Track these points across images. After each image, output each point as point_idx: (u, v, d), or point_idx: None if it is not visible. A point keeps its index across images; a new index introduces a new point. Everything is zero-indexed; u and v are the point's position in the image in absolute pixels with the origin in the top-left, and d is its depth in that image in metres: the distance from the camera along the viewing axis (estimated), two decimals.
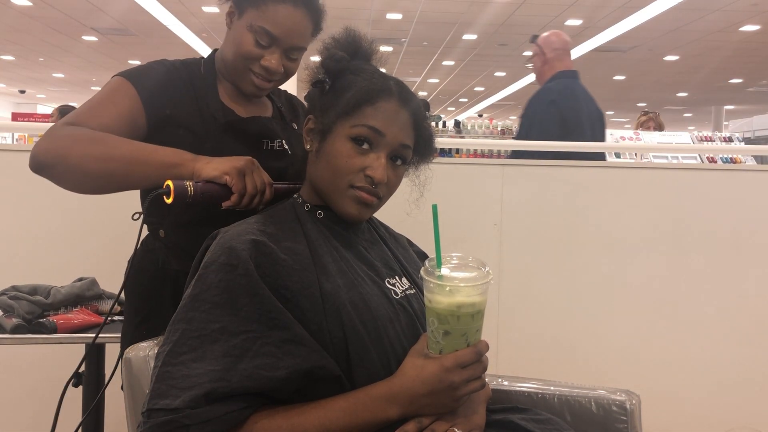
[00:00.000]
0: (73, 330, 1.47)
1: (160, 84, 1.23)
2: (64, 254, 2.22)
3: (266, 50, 1.23)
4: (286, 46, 1.24)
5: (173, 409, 0.83)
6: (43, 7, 8.77)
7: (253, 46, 1.22)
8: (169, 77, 1.25)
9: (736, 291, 2.45)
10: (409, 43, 10.86)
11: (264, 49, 1.23)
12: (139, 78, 1.22)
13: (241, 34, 1.23)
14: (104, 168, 1.11)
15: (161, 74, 1.25)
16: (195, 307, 0.90)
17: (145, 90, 1.21)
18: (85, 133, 1.12)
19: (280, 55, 1.24)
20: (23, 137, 7.08)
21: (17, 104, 19.62)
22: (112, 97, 1.19)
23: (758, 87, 14.40)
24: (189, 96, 1.25)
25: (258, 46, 1.22)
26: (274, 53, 1.23)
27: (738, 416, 2.42)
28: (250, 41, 1.22)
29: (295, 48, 1.25)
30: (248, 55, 1.23)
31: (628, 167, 2.63)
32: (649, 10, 8.38)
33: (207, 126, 1.24)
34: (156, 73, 1.25)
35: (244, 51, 1.23)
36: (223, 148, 1.20)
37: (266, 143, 1.30)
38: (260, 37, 1.22)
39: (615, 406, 1.17)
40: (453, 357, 0.90)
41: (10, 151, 2.30)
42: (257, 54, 1.23)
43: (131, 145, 1.13)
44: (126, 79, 1.21)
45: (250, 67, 1.24)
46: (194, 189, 1.05)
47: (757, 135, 11.73)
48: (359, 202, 1.01)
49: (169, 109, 1.22)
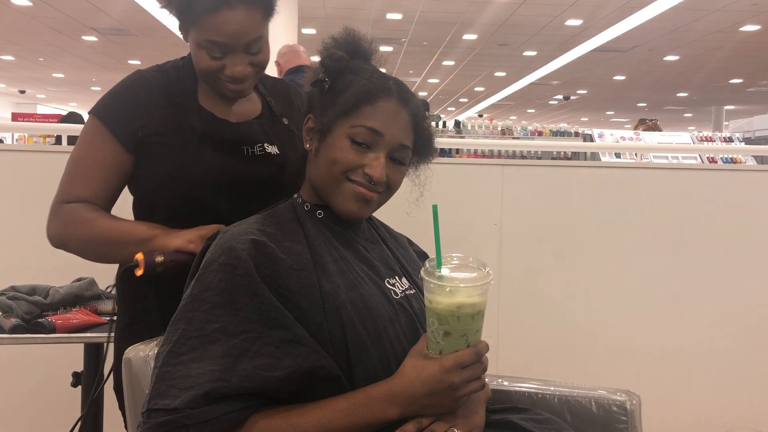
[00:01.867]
0: (72, 330, 1.47)
1: (128, 109, 1.23)
2: (63, 254, 2.20)
3: (224, 59, 1.20)
4: (240, 46, 1.19)
5: (173, 409, 0.83)
6: (43, 7, 8.77)
7: (210, 60, 1.20)
8: (137, 97, 1.23)
9: (736, 291, 2.45)
10: (409, 43, 10.86)
11: (221, 59, 1.20)
12: (106, 112, 1.23)
13: (195, 52, 1.21)
14: (96, 250, 1.23)
15: (128, 97, 1.24)
16: (195, 307, 0.90)
17: (115, 124, 1.22)
18: (76, 217, 1.21)
19: (241, 56, 1.20)
20: (23, 137, 7.08)
21: (17, 104, 19.62)
22: (90, 151, 1.23)
23: (758, 87, 14.40)
24: (162, 109, 1.24)
25: (214, 59, 1.20)
26: (234, 59, 1.20)
27: (738, 416, 2.42)
28: (205, 57, 1.20)
29: (251, 43, 1.20)
30: (209, 70, 1.21)
31: (628, 167, 2.63)
32: (649, 10, 8.38)
33: (183, 137, 1.22)
34: (123, 97, 1.24)
35: (203, 67, 1.21)
36: (199, 160, 1.21)
37: (246, 150, 1.26)
38: (212, 51, 1.19)
39: (615, 406, 1.17)
40: (453, 357, 0.90)
41: (10, 151, 2.31)
42: (217, 66, 1.20)
43: (113, 226, 1.21)
44: (96, 118, 1.23)
45: (218, 77, 1.22)
46: (164, 258, 1.15)
47: (757, 135, 11.75)
48: (358, 199, 1.00)
49: (141, 131, 1.22)
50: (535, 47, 10.99)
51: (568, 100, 16.96)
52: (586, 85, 14.85)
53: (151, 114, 1.23)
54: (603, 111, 20.61)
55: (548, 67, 12.55)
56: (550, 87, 15.18)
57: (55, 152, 2.38)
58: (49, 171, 2.25)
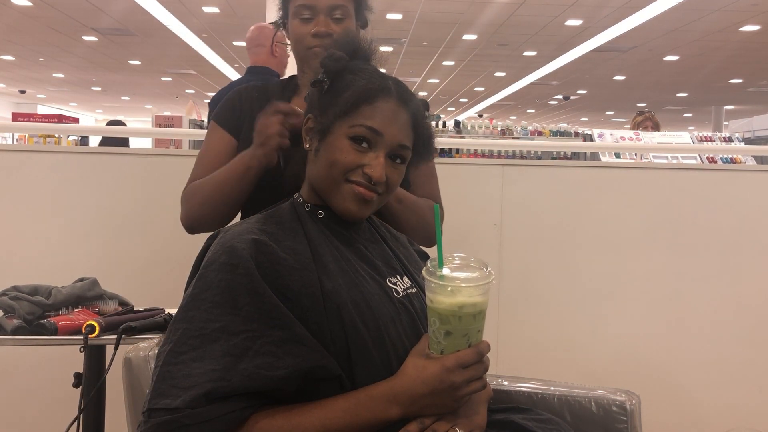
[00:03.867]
0: (74, 331, 1.47)
1: (231, 107, 1.45)
2: (65, 254, 2.22)
3: (312, 22, 1.37)
4: (324, 9, 1.36)
5: (174, 408, 0.83)
6: (43, 7, 8.77)
7: (300, 24, 1.38)
8: (239, 101, 1.45)
9: (736, 290, 2.45)
10: (409, 43, 10.86)
11: (309, 21, 1.37)
12: (217, 113, 1.47)
13: (292, 23, 1.41)
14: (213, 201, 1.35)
15: (232, 100, 1.46)
16: (195, 306, 0.90)
17: (222, 118, 1.45)
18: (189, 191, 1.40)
19: (325, 19, 1.36)
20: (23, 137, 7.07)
21: (17, 104, 19.61)
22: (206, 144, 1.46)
23: (758, 87, 14.40)
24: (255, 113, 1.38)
25: (303, 21, 1.37)
26: (318, 20, 1.36)
27: (738, 416, 2.42)
28: (297, 23, 1.38)
29: (334, 7, 1.36)
30: (300, 35, 1.38)
31: (628, 167, 2.63)
32: (649, 10, 8.38)
33: None
34: (228, 101, 1.47)
35: (296, 34, 1.39)
36: None
37: None
38: (302, 13, 1.37)
39: (615, 406, 1.17)
40: (454, 357, 0.90)
41: (10, 151, 2.31)
42: (307, 30, 1.37)
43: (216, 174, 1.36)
44: (213, 120, 1.47)
45: (307, 46, 1.38)
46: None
47: (757, 135, 11.73)
48: (358, 199, 1.00)
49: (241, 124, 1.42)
50: (535, 47, 10.99)
51: (568, 100, 16.96)
52: (586, 85, 14.85)
53: (243, 115, 1.43)
54: (603, 111, 20.60)
55: (548, 67, 12.55)
56: (550, 87, 15.18)
57: (54, 152, 2.39)
58: (50, 171, 2.26)
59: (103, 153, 2.37)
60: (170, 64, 13.03)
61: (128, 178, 2.28)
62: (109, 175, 2.27)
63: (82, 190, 2.25)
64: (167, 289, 1.65)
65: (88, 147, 5.29)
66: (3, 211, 2.22)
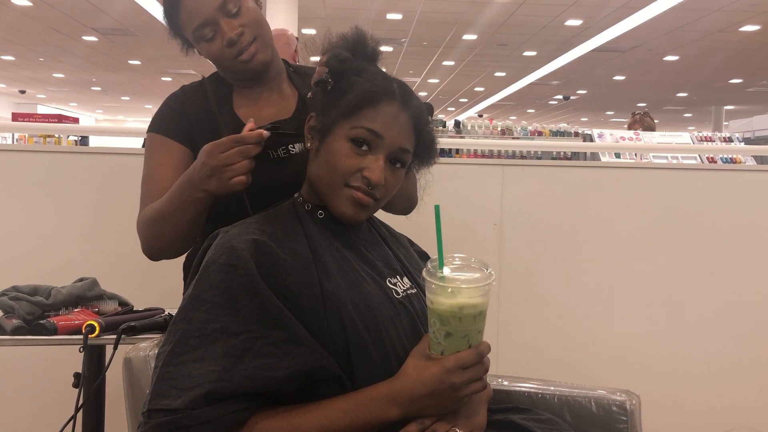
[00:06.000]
0: (74, 331, 1.47)
1: (174, 114, 1.31)
2: (65, 254, 2.22)
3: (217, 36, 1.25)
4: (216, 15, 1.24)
5: (173, 409, 0.83)
6: (43, 7, 8.77)
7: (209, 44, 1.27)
8: (180, 105, 1.32)
9: (736, 291, 2.45)
10: (409, 43, 10.86)
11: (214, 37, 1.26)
12: (158, 124, 1.32)
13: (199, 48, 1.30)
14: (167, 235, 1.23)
15: (172, 106, 1.33)
16: (195, 307, 0.90)
17: (168, 127, 1.31)
18: (140, 219, 1.28)
19: (226, 21, 1.25)
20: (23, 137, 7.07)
21: (17, 104, 19.61)
22: (154, 160, 1.31)
23: (758, 87, 14.40)
24: (200, 116, 1.30)
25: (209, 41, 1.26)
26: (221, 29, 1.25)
27: (738, 416, 2.42)
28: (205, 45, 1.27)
29: (222, 6, 1.24)
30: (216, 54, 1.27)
31: (628, 167, 2.63)
32: (649, 10, 8.39)
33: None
34: (167, 108, 1.33)
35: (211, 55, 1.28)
36: None
37: (271, 153, 1.25)
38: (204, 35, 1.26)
39: (615, 406, 1.17)
40: (454, 358, 0.90)
41: (10, 151, 2.30)
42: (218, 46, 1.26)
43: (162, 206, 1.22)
44: (152, 132, 1.32)
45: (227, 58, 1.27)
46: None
47: (757, 135, 11.74)
48: (355, 203, 1.00)
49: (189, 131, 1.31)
50: (535, 47, 10.99)
51: (568, 100, 16.96)
52: (586, 85, 14.85)
53: (190, 120, 1.31)
54: (603, 111, 20.60)
55: (548, 67, 12.55)
56: (550, 87, 15.18)
57: (54, 152, 2.38)
58: (50, 171, 2.26)
59: (103, 153, 2.36)
60: (170, 64, 13.02)
61: (128, 178, 2.26)
62: (109, 175, 2.27)
63: (82, 190, 2.25)
64: (167, 289, 1.65)
65: (88, 147, 5.28)
66: (3, 211, 2.22)
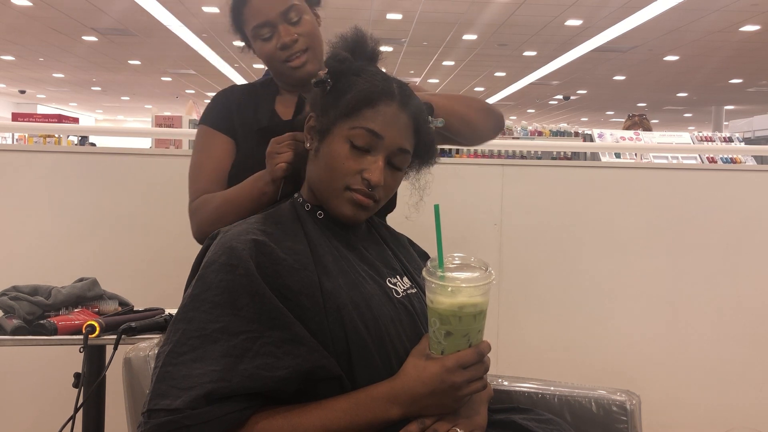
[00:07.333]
0: (74, 331, 1.47)
1: (222, 108, 1.42)
2: (65, 254, 2.22)
3: (273, 38, 1.33)
4: (278, 18, 1.32)
5: (174, 409, 0.83)
6: (43, 7, 8.77)
7: (264, 44, 1.35)
8: (227, 101, 1.43)
9: (736, 291, 2.45)
10: (409, 43, 10.86)
11: (270, 39, 1.33)
12: (207, 117, 1.43)
13: (255, 46, 1.38)
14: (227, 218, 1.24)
15: (220, 102, 1.44)
16: (195, 307, 0.90)
17: (216, 121, 1.41)
18: (199, 205, 1.35)
19: (285, 27, 1.32)
20: (23, 137, 7.08)
21: (17, 104, 19.62)
22: (203, 151, 1.41)
23: (758, 87, 14.39)
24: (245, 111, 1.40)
25: (266, 41, 1.34)
26: (279, 33, 1.33)
27: (738, 416, 2.42)
28: (261, 44, 1.35)
29: (286, 12, 1.32)
30: (269, 55, 1.35)
31: (628, 167, 2.63)
32: (649, 10, 8.38)
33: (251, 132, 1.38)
34: (216, 103, 1.44)
35: (264, 55, 1.36)
36: (253, 153, 1.33)
37: None
38: (261, 34, 1.34)
39: (615, 406, 1.17)
40: (455, 358, 0.90)
41: (10, 151, 2.31)
42: (272, 47, 1.34)
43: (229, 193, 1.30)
44: (202, 125, 1.43)
45: (279, 61, 1.35)
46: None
47: (757, 135, 11.74)
48: (354, 204, 1.00)
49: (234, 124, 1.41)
50: (535, 47, 10.99)
51: (568, 100, 16.96)
52: (586, 85, 14.85)
53: (231, 111, 1.41)
54: (603, 111, 20.60)
55: (548, 67, 12.55)
56: (550, 87, 15.18)
57: (54, 152, 2.38)
58: (50, 171, 2.26)
59: (103, 153, 2.37)
60: (170, 64, 13.03)
61: (128, 178, 2.28)
62: (109, 175, 2.27)
63: (82, 190, 2.25)
64: (167, 289, 1.65)
65: (87, 147, 5.29)
66: (3, 211, 2.22)
